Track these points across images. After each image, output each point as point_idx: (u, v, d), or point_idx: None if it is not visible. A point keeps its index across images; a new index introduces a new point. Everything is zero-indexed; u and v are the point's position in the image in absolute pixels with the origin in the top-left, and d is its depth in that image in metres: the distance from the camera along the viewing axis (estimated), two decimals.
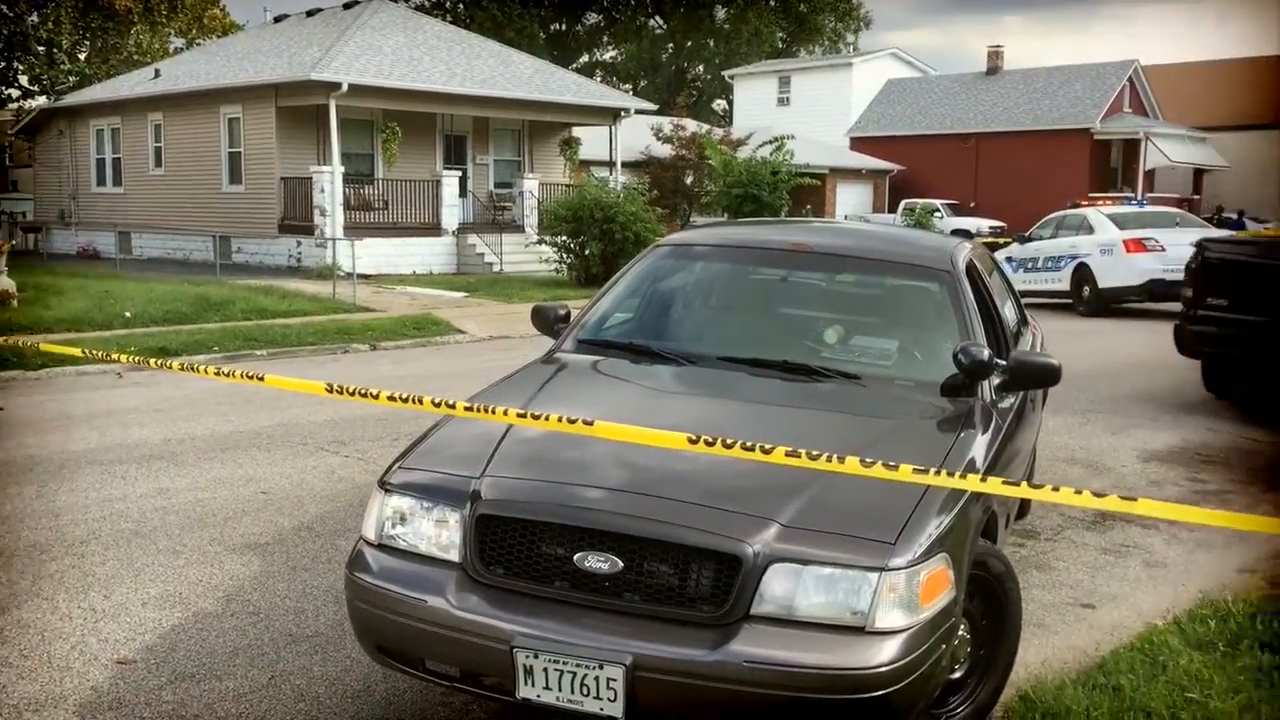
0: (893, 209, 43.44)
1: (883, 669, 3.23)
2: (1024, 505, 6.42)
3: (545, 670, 3.28)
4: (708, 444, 3.01)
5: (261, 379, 3.93)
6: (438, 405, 3.48)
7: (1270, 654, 4.34)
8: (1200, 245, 10.35)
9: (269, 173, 24.84)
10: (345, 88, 22.63)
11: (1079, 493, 2.67)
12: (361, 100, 23.58)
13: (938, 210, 41.31)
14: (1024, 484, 3.08)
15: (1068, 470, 7.85)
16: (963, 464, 4.01)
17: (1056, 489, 2.73)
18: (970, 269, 5.29)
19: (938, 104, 49.00)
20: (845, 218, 39.07)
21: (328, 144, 23.73)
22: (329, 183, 23.36)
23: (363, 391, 3.55)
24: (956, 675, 3.87)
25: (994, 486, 3.12)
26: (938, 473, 2.96)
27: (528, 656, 3.29)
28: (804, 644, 3.26)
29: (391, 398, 3.51)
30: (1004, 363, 4.75)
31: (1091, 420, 9.62)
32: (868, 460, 2.98)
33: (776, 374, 4.60)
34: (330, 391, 3.63)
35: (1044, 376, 4.80)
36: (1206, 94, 49.60)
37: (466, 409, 3.65)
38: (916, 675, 3.32)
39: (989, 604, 4.02)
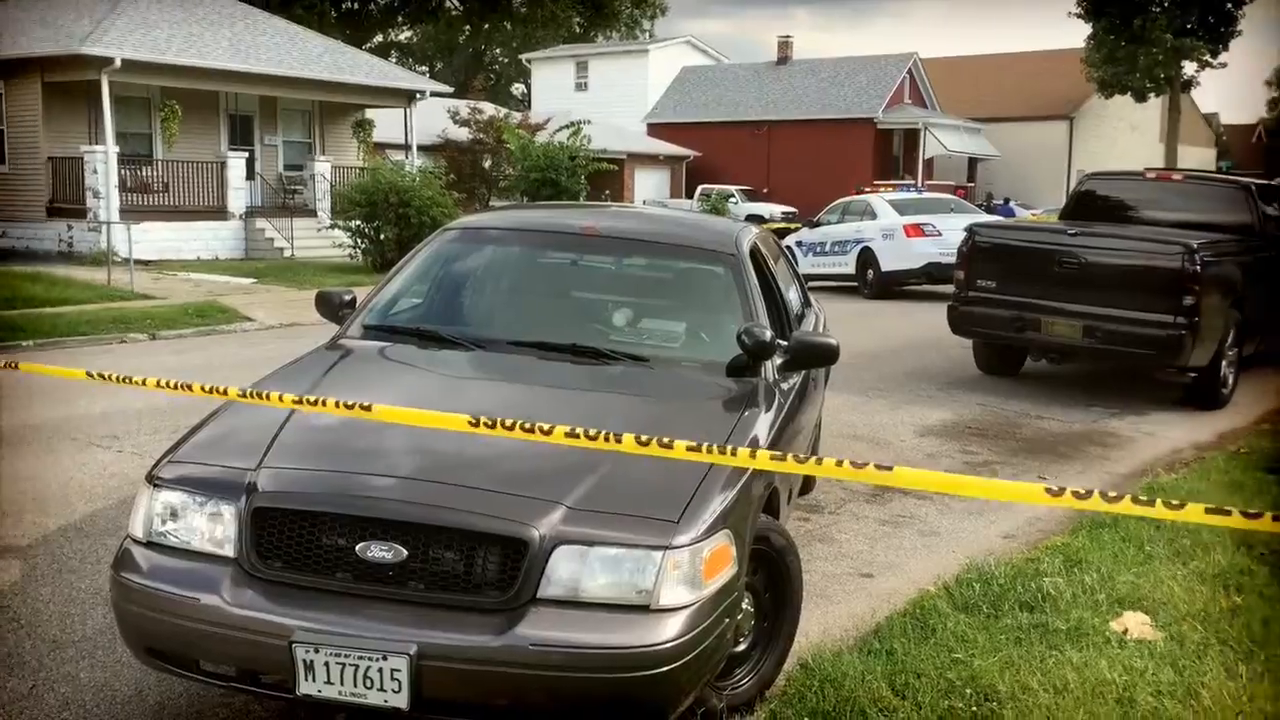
0: (690, 194, 44.23)
1: (667, 645, 3.28)
2: (808, 481, 6.65)
3: (326, 664, 3.20)
4: (488, 426, 2.99)
5: (15, 366, 3.68)
6: (208, 391, 3.33)
7: (1029, 613, 4.63)
8: (970, 230, 10.92)
9: (35, 152, 23.29)
10: (118, 63, 21.40)
11: (840, 464, 2.77)
12: (137, 76, 22.36)
13: (733, 196, 42.31)
14: (790, 458, 3.18)
15: (851, 445, 8.18)
16: (746, 441, 4.11)
17: (819, 461, 2.83)
18: (754, 253, 5.42)
19: (731, 92, 50.14)
20: (644, 203, 39.53)
21: (100, 122, 22.40)
22: (102, 163, 22.07)
23: (126, 378, 3.37)
24: (741, 648, 3.98)
25: (761, 461, 3.22)
26: (710, 450, 3.02)
27: (308, 651, 3.20)
28: (590, 625, 3.29)
29: (159, 384, 3.35)
30: (786, 343, 4.90)
31: (873, 398, 10.04)
32: (643, 438, 3.02)
33: (566, 358, 4.61)
34: (91, 377, 3.43)
35: (824, 355, 4.97)
36: (980, 87, 52.44)
37: (241, 395, 3.52)
38: (700, 650, 3.40)
39: (772, 578, 4.14)
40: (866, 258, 19.17)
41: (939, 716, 3.73)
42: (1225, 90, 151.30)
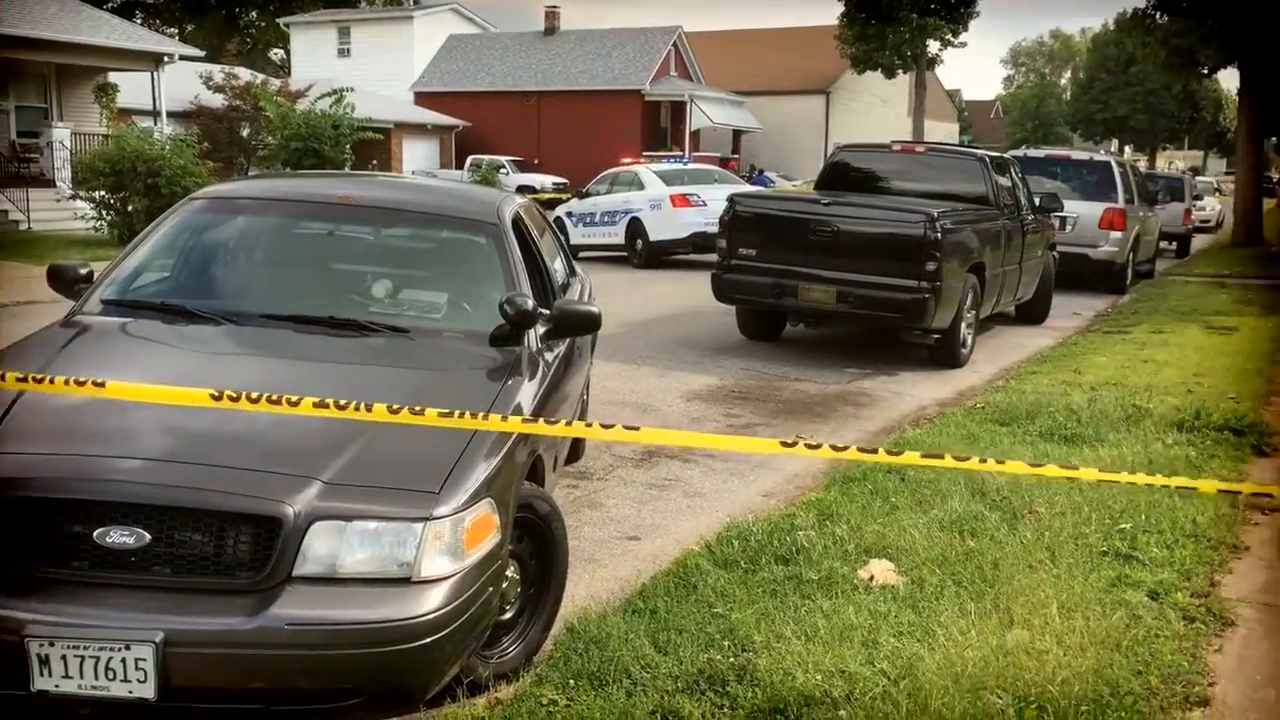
0: (460, 165, 43.67)
1: (429, 616, 3.27)
2: (577, 448, 6.72)
3: (64, 658, 3.03)
4: (231, 399, 2.88)
5: None
6: None
7: (784, 566, 4.84)
8: (731, 200, 11.24)
9: None
10: None
11: (589, 425, 2.82)
12: None
13: (504, 166, 42.02)
14: (541, 421, 3.21)
15: (620, 412, 8.30)
16: (509, 410, 4.12)
17: (569, 424, 2.87)
18: (517, 222, 5.42)
19: (499, 61, 49.73)
20: (413, 173, 38.76)
21: None
22: None
23: None
24: (507, 616, 4.00)
25: (514, 425, 3.24)
26: (462, 416, 3.01)
27: (42, 645, 3.02)
28: (350, 600, 3.24)
29: None
30: (549, 312, 4.92)
31: (642, 365, 10.23)
32: (394, 407, 2.99)
33: (323, 330, 4.50)
34: None
35: (586, 324, 5.04)
36: (742, 61, 53.88)
37: None
38: (464, 619, 3.40)
39: (538, 545, 4.18)
40: (635, 228, 19.43)
41: (699, 669, 3.85)
42: (966, 68, 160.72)
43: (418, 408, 2.95)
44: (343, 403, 2.94)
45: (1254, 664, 4.17)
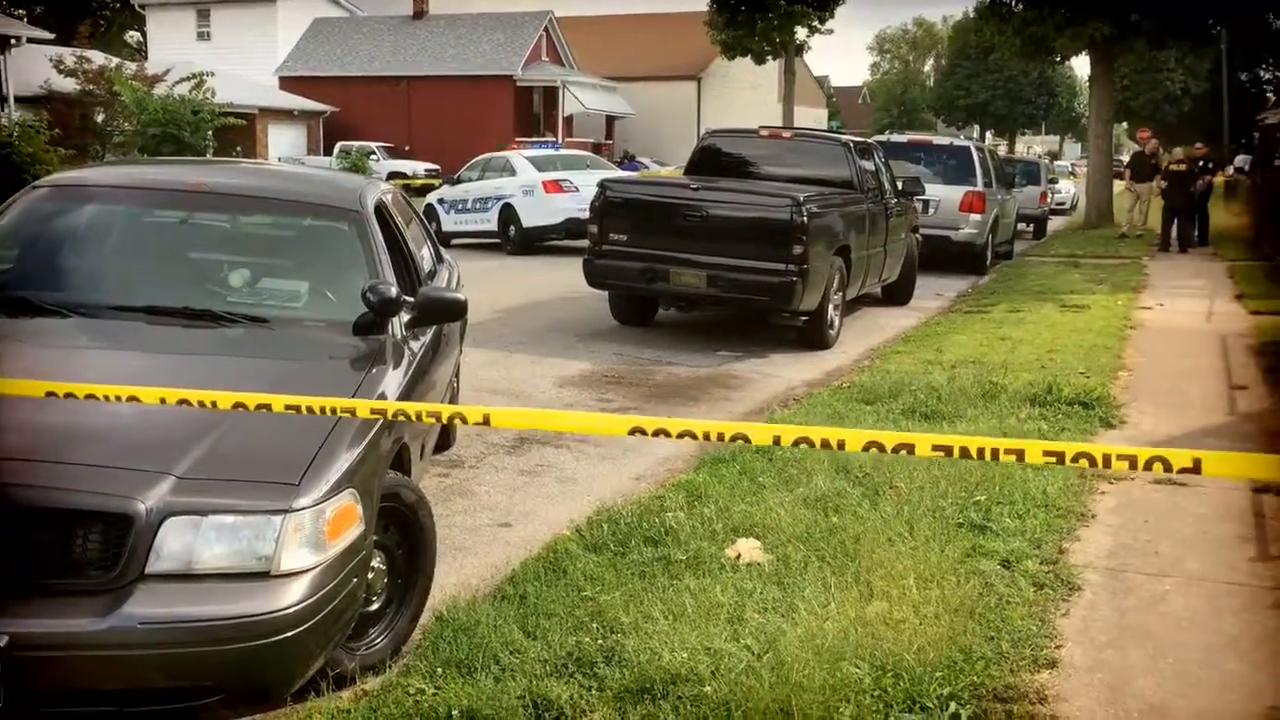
0: (329, 152, 42.77)
1: (290, 610, 3.23)
2: (448, 436, 6.68)
3: None
4: (70, 394, 2.79)
5: None
6: None
7: (653, 548, 4.90)
8: (601, 185, 11.26)
9: None
10: None
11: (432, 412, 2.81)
12: None
13: (374, 153, 41.32)
14: (390, 407, 3.19)
15: (492, 399, 8.27)
16: (373, 398, 4.09)
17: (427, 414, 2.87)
18: (380, 209, 5.35)
19: (367, 45, 48.83)
20: (279, 160, 37.84)
21: None
22: None
23: None
24: (374, 607, 3.97)
25: (362, 411, 3.21)
26: (310, 409, 2.98)
27: None
28: (206, 596, 3.18)
29: None
30: (413, 299, 4.88)
31: (515, 352, 10.19)
32: (244, 397, 2.94)
33: (177, 322, 4.39)
34: None
35: (451, 311, 5.01)
36: (614, 46, 53.91)
37: None
38: (326, 612, 3.36)
39: (404, 534, 4.15)
40: (508, 214, 19.31)
41: (567, 652, 3.88)
42: (835, 55, 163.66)
43: (265, 401, 2.90)
44: (193, 395, 2.87)
45: (1098, 626, 4.38)
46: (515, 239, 19.27)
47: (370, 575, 3.84)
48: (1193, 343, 11.19)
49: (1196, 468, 2.03)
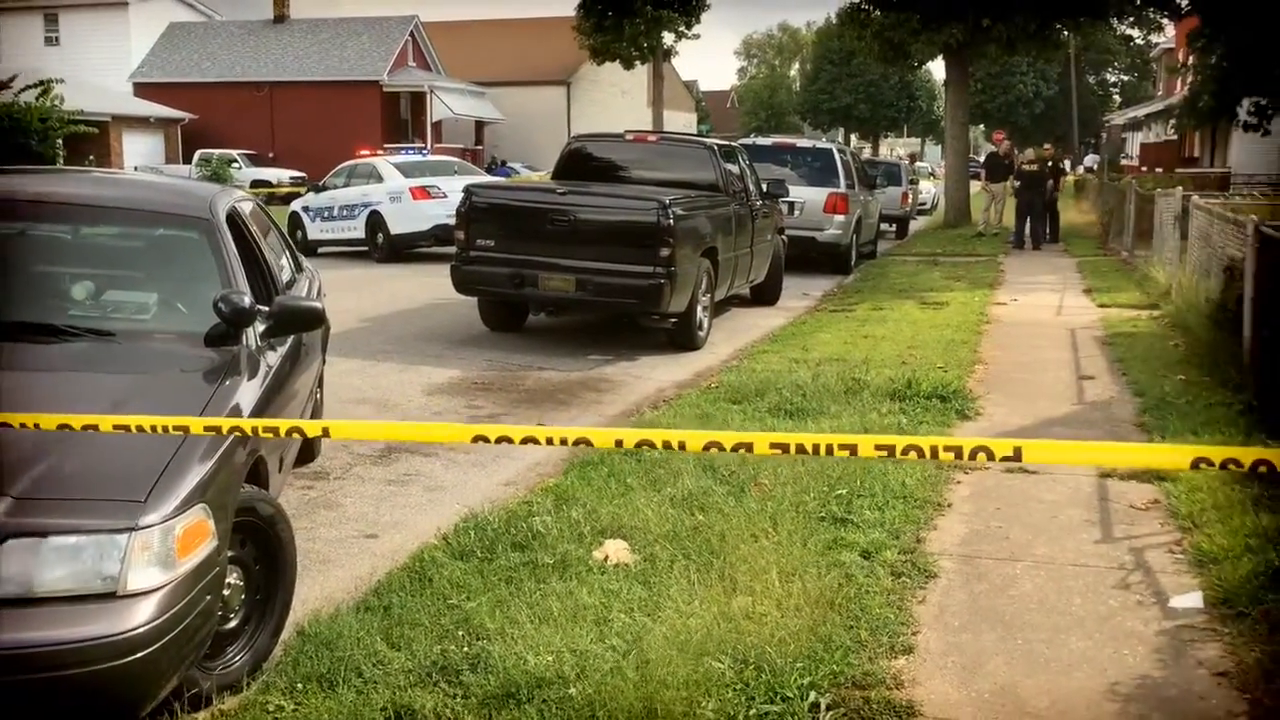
0: (188, 159, 41.52)
1: (139, 631, 3.14)
2: (311, 447, 6.56)
3: None
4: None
5: None
6: None
7: (520, 553, 4.89)
8: (467, 191, 11.19)
9: None
10: None
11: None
12: None
13: (236, 161, 40.26)
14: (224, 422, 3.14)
15: (357, 409, 8.15)
16: (226, 411, 4.01)
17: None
18: (234, 217, 5.23)
19: (227, 50, 47.55)
20: (135, 169, 36.57)
21: None
22: None
23: None
24: (232, 624, 3.88)
25: (196, 427, 3.15)
26: (151, 428, 2.90)
27: None
28: (49, 621, 3.08)
29: None
30: (268, 309, 4.78)
31: (382, 360, 10.06)
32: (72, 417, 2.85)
33: (17, 338, 4.22)
34: None
35: (307, 320, 4.93)
36: (482, 51, 53.56)
37: None
38: (178, 631, 3.28)
39: (262, 549, 4.06)
40: (375, 221, 19.02)
41: (432, 661, 3.85)
42: (703, 60, 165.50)
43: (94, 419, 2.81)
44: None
45: (953, 611, 4.52)
46: (383, 246, 19.00)
47: (226, 592, 3.75)
48: (1044, 336, 11.64)
49: (1017, 456, 2.13)
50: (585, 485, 5.93)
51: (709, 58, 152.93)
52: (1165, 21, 33.01)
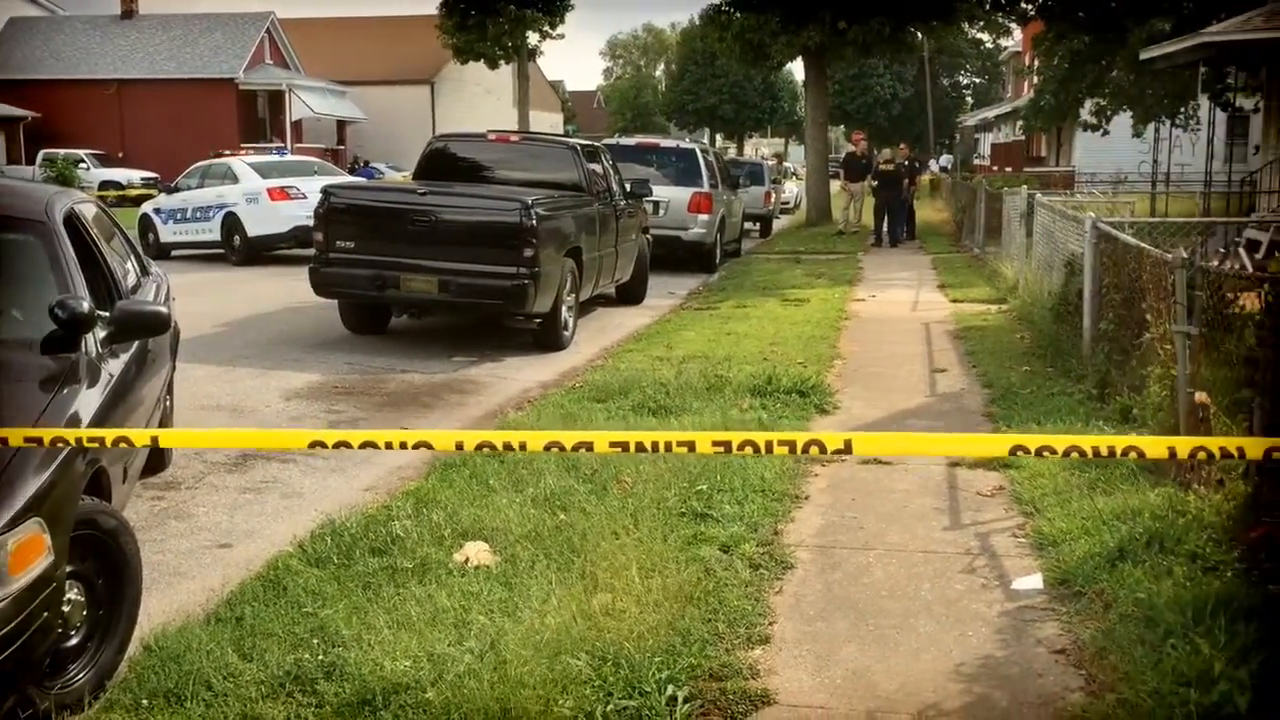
0: (31, 160, 39.73)
1: None
2: (161, 457, 6.36)
3: None
4: None
5: None
6: None
7: (378, 558, 4.82)
8: (325, 192, 10.98)
9: None
10: None
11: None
12: None
13: (83, 161, 38.71)
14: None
15: (212, 416, 7.93)
16: (63, 420, 3.86)
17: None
18: (72, 220, 5.04)
19: (71, 46, 45.69)
20: None
21: None
22: None
23: None
24: (73, 641, 3.74)
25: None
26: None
27: None
28: None
29: None
30: (109, 314, 4.63)
31: (239, 366, 9.80)
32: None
33: None
34: None
35: (151, 325, 4.78)
36: (343, 50, 52.56)
37: None
38: (12, 650, 3.15)
39: (104, 563, 3.92)
40: (232, 223, 18.51)
41: (285, 671, 3.77)
42: (569, 60, 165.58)
43: None
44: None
45: (809, 601, 4.63)
46: (240, 249, 18.51)
47: (66, 608, 3.62)
48: (901, 331, 11.99)
49: (848, 448, 2.20)
50: (447, 488, 5.89)
51: (575, 58, 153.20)
52: (1013, 26, 34.26)
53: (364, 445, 2.43)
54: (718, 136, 76.86)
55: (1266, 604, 4.00)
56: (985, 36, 54.40)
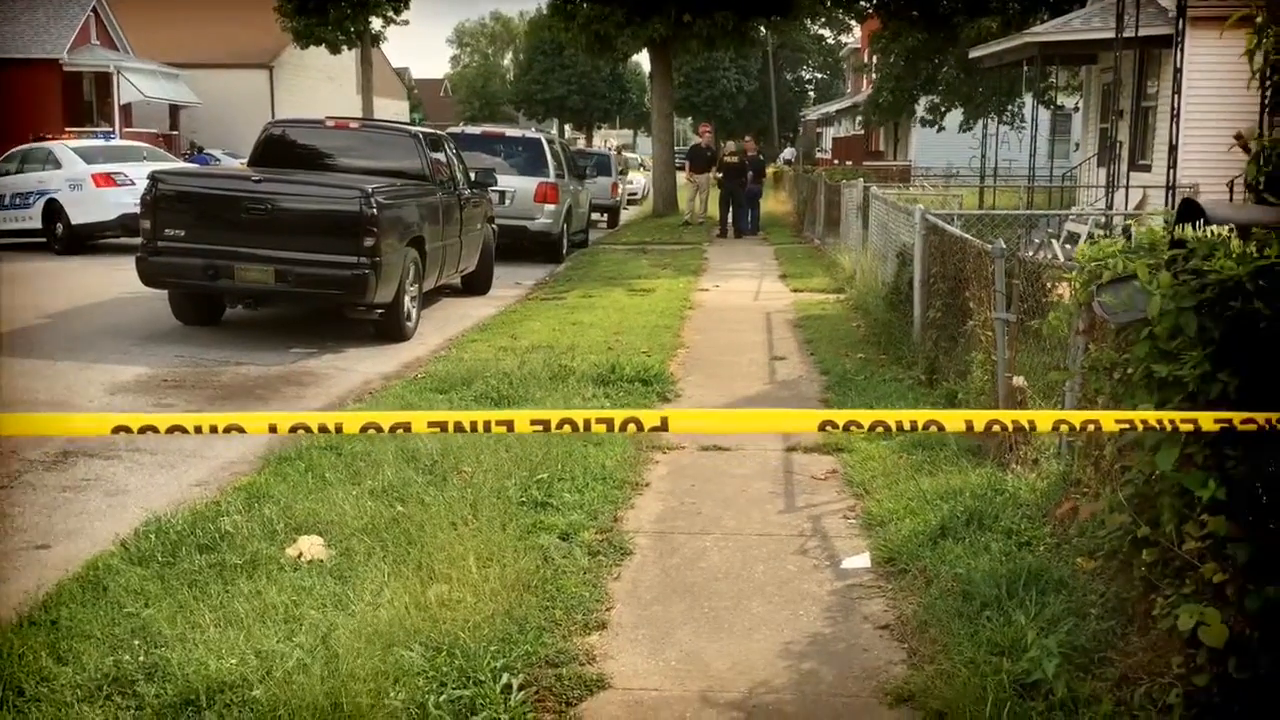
0: None
1: None
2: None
3: None
4: None
5: None
6: None
7: (206, 555, 4.68)
8: (153, 178, 10.57)
9: None
10: None
11: None
12: None
13: None
14: None
15: (29, 413, 7.54)
16: None
17: None
18: None
19: None
20: None
21: None
22: None
23: None
24: None
25: None
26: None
27: None
28: None
29: None
30: None
31: (60, 360, 9.37)
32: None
33: None
34: None
35: None
36: (176, 31, 50.56)
37: None
38: None
39: None
40: (54, 210, 17.65)
41: (104, 674, 3.64)
42: (415, 46, 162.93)
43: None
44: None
45: (646, 586, 4.69)
46: (63, 237, 17.67)
47: None
48: (743, 320, 12.21)
49: (664, 425, 2.24)
50: (281, 482, 5.75)
51: (421, 45, 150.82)
52: (852, 23, 35.22)
53: (171, 430, 2.35)
54: (566, 127, 76.76)
55: (1074, 575, 4.22)
56: (827, 32, 55.85)
